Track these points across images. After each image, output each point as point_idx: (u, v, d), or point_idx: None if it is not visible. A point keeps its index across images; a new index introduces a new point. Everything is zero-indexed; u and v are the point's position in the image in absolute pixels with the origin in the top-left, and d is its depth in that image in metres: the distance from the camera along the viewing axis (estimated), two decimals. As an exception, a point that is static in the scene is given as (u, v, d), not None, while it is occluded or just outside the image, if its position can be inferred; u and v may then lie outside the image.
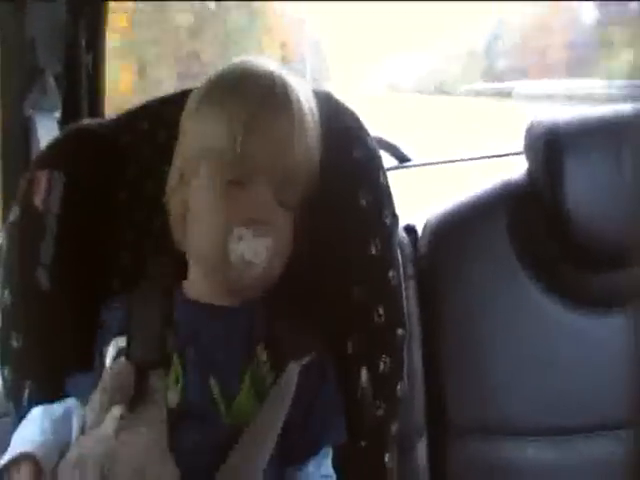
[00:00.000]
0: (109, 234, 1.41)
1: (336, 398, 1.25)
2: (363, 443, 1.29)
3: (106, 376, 1.16)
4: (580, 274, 1.61)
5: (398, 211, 1.36)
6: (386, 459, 1.31)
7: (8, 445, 1.14)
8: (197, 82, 1.28)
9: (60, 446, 1.16)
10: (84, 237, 1.38)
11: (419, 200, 1.98)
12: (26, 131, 1.90)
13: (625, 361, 1.58)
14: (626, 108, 1.59)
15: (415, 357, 1.60)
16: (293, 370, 1.18)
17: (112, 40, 2.20)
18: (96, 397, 1.15)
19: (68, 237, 1.36)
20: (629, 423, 1.56)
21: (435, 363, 1.64)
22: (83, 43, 2.04)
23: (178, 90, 1.40)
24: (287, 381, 1.17)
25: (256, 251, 1.16)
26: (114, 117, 1.48)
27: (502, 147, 2.65)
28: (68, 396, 1.25)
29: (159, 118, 1.42)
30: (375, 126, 1.38)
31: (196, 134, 1.22)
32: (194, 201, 1.22)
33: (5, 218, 1.41)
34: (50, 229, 1.34)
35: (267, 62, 1.27)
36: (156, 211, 1.34)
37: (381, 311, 1.29)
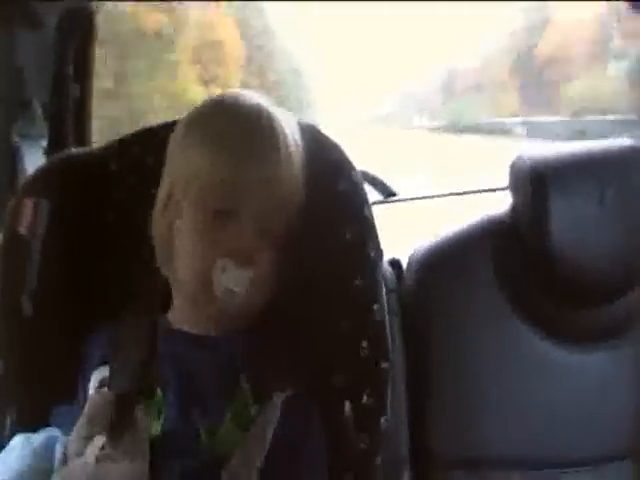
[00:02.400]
0: (94, 262, 1.40)
1: (319, 431, 1.25)
2: (348, 475, 1.29)
3: (88, 406, 1.16)
4: (564, 309, 1.62)
5: (383, 245, 1.37)
6: None
7: (-10, 473, 1.14)
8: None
9: (42, 475, 1.15)
10: (69, 264, 1.38)
11: (404, 234, 1.98)
12: (13, 159, 1.90)
13: (609, 396, 1.59)
14: (609, 144, 1.61)
15: (399, 390, 1.60)
16: (276, 403, 1.18)
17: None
18: (78, 427, 1.14)
19: (53, 264, 1.36)
20: (613, 458, 1.58)
21: (419, 396, 1.64)
22: (70, 72, 2.04)
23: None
24: (270, 413, 1.17)
25: (239, 282, 1.16)
26: (103, 145, 1.48)
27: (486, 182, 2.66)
28: (50, 425, 1.24)
29: (148, 145, 1.42)
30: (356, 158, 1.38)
31: (182, 164, 1.22)
32: (178, 230, 1.22)
33: (-9, 245, 1.40)
34: (35, 256, 1.34)
35: (253, 95, 1.27)
36: (142, 237, 1.34)
37: (365, 344, 1.29)
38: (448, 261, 1.69)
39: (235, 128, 1.20)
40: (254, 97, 1.26)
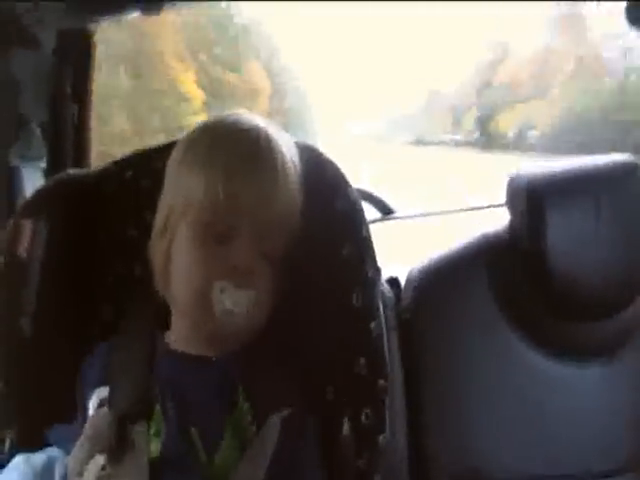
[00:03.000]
0: (92, 283, 1.41)
1: (316, 450, 1.25)
2: None
3: (88, 426, 1.16)
4: (560, 324, 1.62)
5: (381, 263, 1.37)
6: None
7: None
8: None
9: None
10: (67, 285, 1.38)
11: (402, 252, 1.98)
12: (11, 180, 1.90)
13: (603, 411, 1.59)
14: (604, 159, 1.61)
15: (397, 407, 1.59)
16: (275, 422, 1.18)
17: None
18: (78, 447, 1.14)
19: (51, 285, 1.36)
20: (612, 472, 1.57)
21: (417, 413, 1.64)
22: (69, 92, 2.04)
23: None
24: (268, 433, 1.17)
25: (238, 302, 1.16)
26: (100, 167, 1.48)
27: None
28: (50, 445, 1.24)
29: (144, 167, 1.42)
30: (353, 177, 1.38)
31: (179, 186, 1.23)
32: (176, 253, 1.22)
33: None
34: (34, 277, 1.35)
35: (251, 116, 1.28)
36: (138, 260, 1.35)
37: (363, 362, 1.29)
38: (446, 279, 1.70)
39: (233, 150, 1.20)
40: (252, 119, 1.27)
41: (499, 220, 1.72)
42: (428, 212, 2.89)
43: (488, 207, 2.57)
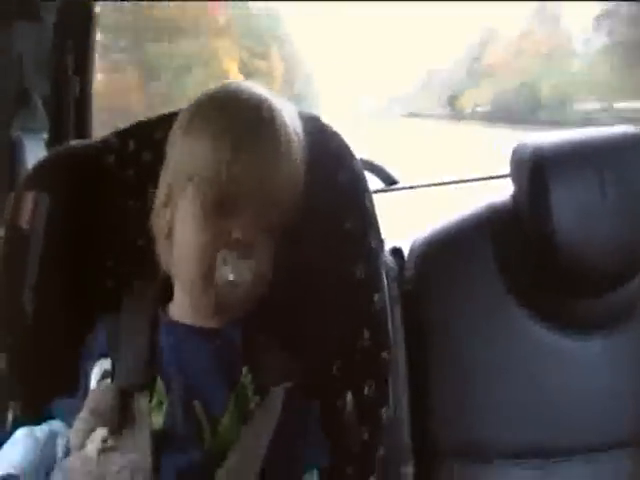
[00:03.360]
0: (94, 254, 1.41)
1: (320, 423, 1.25)
2: (349, 468, 1.29)
3: (90, 399, 1.16)
4: (563, 297, 1.61)
5: (384, 234, 1.36)
6: None
7: (-8, 466, 1.14)
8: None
9: (45, 468, 1.16)
10: (69, 258, 1.38)
11: (406, 223, 1.98)
12: (13, 152, 1.89)
13: (607, 384, 1.59)
14: (610, 131, 1.60)
15: (401, 379, 1.59)
16: (277, 394, 1.18)
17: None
18: (80, 419, 1.14)
19: (53, 257, 1.36)
20: (613, 446, 1.57)
21: (421, 386, 1.64)
22: (71, 64, 2.04)
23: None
24: (271, 405, 1.17)
25: (240, 272, 1.16)
26: (101, 138, 1.48)
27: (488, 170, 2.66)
28: (52, 418, 1.24)
29: (146, 139, 1.42)
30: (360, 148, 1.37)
31: (182, 157, 1.22)
32: (179, 223, 1.22)
33: (-9, 238, 1.40)
34: (36, 249, 1.34)
35: (254, 85, 1.27)
36: (140, 231, 1.34)
37: (366, 335, 1.29)
38: (449, 249, 1.69)
39: (236, 119, 1.19)
40: (255, 88, 1.26)
41: (503, 191, 1.72)
42: (432, 182, 2.88)
43: (492, 178, 2.56)
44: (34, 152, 1.91)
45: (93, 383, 1.20)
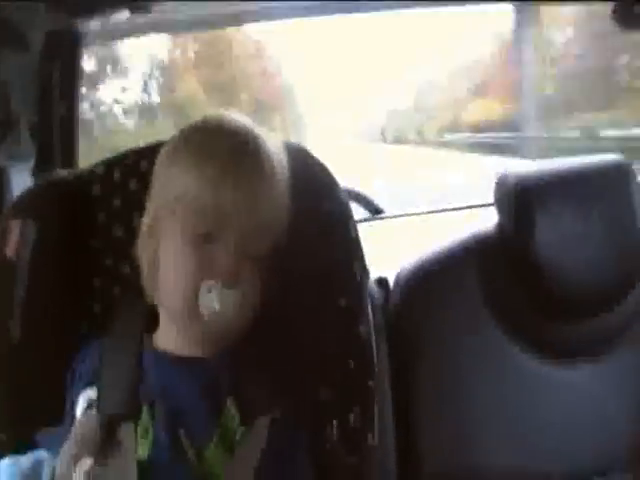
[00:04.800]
0: (80, 282, 1.41)
1: (306, 452, 1.25)
2: None
3: (76, 428, 1.16)
4: (548, 324, 1.62)
5: (370, 263, 1.37)
6: None
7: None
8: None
9: None
10: (56, 286, 1.38)
11: (391, 252, 1.98)
12: (-1, 180, 1.89)
13: (594, 410, 1.60)
14: (594, 160, 1.62)
15: (386, 407, 1.59)
16: (262, 424, 1.18)
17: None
18: (66, 449, 1.14)
19: (40, 287, 1.36)
20: (602, 471, 1.58)
21: (406, 413, 1.64)
22: (57, 92, 2.04)
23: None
24: (257, 435, 1.17)
25: (225, 302, 1.16)
26: (87, 168, 1.48)
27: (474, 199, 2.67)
28: (37, 448, 1.24)
29: (132, 169, 1.42)
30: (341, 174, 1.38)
31: (167, 186, 1.22)
32: (164, 252, 1.22)
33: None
34: (22, 279, 1.34)
35: (239, 117, 1.27)
36: (126, 259, 1.35)
37: (352, 364, 1.30)
38: (434, 278, 1.70)
39: (220, 149, 1.20)
40: (239, 119, 1.26)
41: (488, 219, 1.73)
42: (416, 212, 2.89)
43: (477, 206, 2.57)
44: (20, 180, 1.90)
45: (79, 412, 1.20)
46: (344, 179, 1.40)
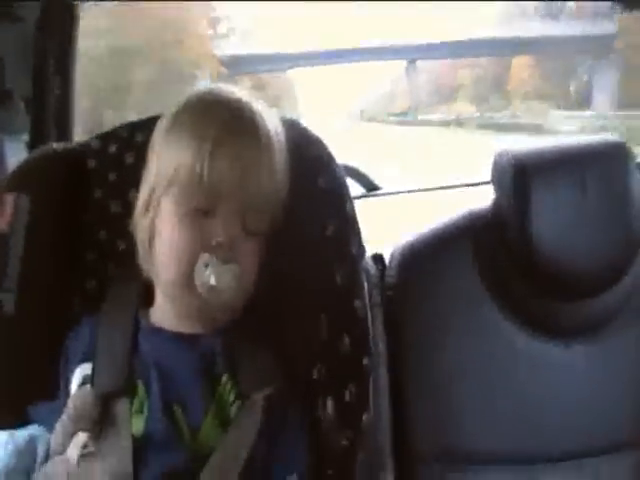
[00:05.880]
0: (75, 256, 1.40)
1: (300, 428, 1.25)
2: (329, 472, 1.28)
3: (71, 403, 1.16)
4: (545, 302, 1.62)
5: (366, 239, 1.37)
6: None
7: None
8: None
9: (25, 472, 1.16)
10: (49, 260, 1.38)
11: (387, 228, 1.98)
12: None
13: (591, 390, 1.60)
14: (592, 140, 1.61)
15: (381, 385, 1.58)
16: (257, 400, 1.18)
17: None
18: (61, 424, 1.14)
19: (33, 259, 1.35)
20: (596, 452, 1.58)
21: (401, 391, 1.64)
22: (52, 66, 2.03)
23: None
24: (252, 411, 1.17)
25: (222, 277, 1.15)
26: (83, 141, 1.47)
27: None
28: (31, 422, 1.24)
29: (127, 143, 1.42)
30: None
31: (164, 160, 1.22)
32: (161, 227, 1.22)
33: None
34: (16, 251, 1.33)
35: (235, 89, 1.27)
36: (122, 235, 1.34)
37: (347, 340, 1.29)
38: (430, 255, 1.69)
39: (216, 121, 1.20)
40: (235, 92, 1.26)
41: (484, 197, 1.72)
42: (413, 189, 2.89)
43: (474, 184, 2.57)
44: (15, 153, 1.90)
45: (74, 387, 1.20)
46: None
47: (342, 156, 1.41)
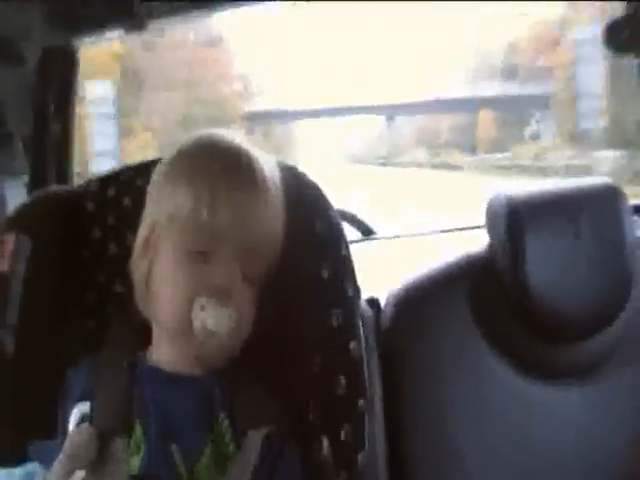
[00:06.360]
0: (74, 297, 1.41)
1: (297, 468, 1.24)
2: None
3: (68, 442, 1.16)
4: (540, 346, 1.62)
5: (362, 284, 1.37)
6: None
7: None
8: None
9: None
10: (49, 301, 1.39)
11: (382, 273, 1.99)
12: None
13: (587, 433, 1.60)
14: (583, 182, 1.63)
15: (377, 425, 1.59)
16: (254, 440, 1.18)
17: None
18: (58, 462, 1.14)
19: (33, 301, 1.36)
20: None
21: (397, 431, 1.64)
22: (52, 108, 2.04)
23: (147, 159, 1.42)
24: (248, 451, 1.17)
25: (218, 321, 1.16)
26: (82, 184, 1.49)
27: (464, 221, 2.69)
28: (31, 460, 1.23)
29: (126, 186, 1.43)
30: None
31: (161, 205, 1.23)
32: (158, 270, 1.23)
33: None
34: (16, 293, 1.34)
35: (233, 135, 1.28)
36: (119, 276, 1.35)
37: (342, 382, 1.30)
38: (425, 299, 1.70)
39: (214, 167, 1.21)
40: (234, 137, 1.27)
41: (479, 241, 1.73)
42: (408, 233, 2.90)
43: (468, 229, 2.58)
44: (14, 195, 1.90)
45: (71, 426, 1.20)
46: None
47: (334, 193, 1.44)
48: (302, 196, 1.35)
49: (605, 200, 1.58)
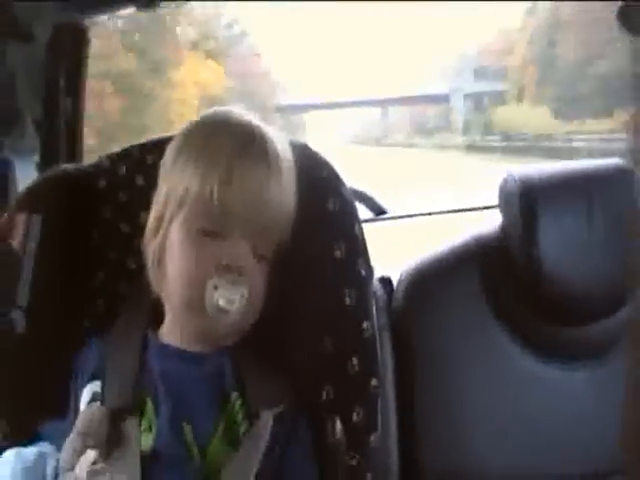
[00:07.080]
0: (85, 275, 1.41)
1: (308, 448, 1.25)
2: None
3: (80, 420, 1.16)
4: (549, 326, 1.62)
5: (374, 263, 1.37)
6: None
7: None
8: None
9: None
10: (60, 278, 1.38)
11: (394, 252, 1.98)
12: (4, 174, 1.89)
13: (594, 413, 1.59)
14: (598, 164, 1.61)
15: (389, 406, 1.59)
16: (266, 419, 1.18)
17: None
18: (70, 441, 1.14)
19: (45, 279, 1.36)
20: (599, 474, 1.57)
21: (409, 412, 1.63)
22: (63, 86, 2.04)
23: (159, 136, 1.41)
24: (260, 430, 1.17)
25: (231, 299, 1.16)
26: (94, 162, 1.48)
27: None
28: (41, 440, 1.24)
29: (138, 164, 1.42)
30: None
31: (174, 183, 1.22)
32: (170, 249, 1.22)
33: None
34: (27, 271, 1.34)
35: (245, 113, 1.27)
36: (131, 254, 1.35)
37: (355, 361, 1.29)
38: (437, 279, 1.69)
39: (226, 145, 1.20)
40: (246, 115, 1.27)
41: (491, 221, 1.72)
42: (420, 212, 2.89)
43: (481, 208, 2.57)
44: (25, 174, 1.90)
45: (83, 405, 1.20)
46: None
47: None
48: (314, 174, 1.34)
49: (618, 182, 1.57)
